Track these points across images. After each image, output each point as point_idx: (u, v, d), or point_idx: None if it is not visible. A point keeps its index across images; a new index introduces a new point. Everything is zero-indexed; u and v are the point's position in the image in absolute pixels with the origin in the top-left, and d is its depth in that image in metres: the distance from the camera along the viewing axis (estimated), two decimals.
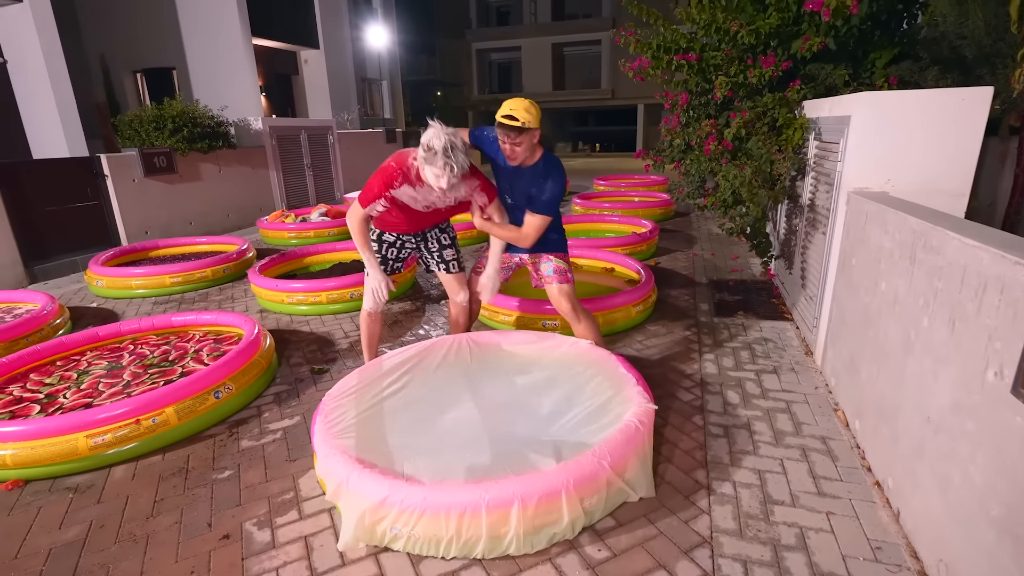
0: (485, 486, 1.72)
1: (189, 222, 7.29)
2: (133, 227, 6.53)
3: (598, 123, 30.28)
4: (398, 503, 1.72)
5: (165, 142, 6.90)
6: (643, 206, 7.47)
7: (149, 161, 6.60)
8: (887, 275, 2.16)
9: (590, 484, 1.82)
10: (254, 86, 10.74)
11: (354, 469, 1.83)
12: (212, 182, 7.68)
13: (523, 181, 2.51)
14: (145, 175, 6.60)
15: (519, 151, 2.37)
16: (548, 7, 26.05)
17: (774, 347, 3.34)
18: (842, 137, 2.85)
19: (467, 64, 27.33)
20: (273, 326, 4.01)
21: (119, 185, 6.37)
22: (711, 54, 4.36)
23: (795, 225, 3.85)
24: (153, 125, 6.84)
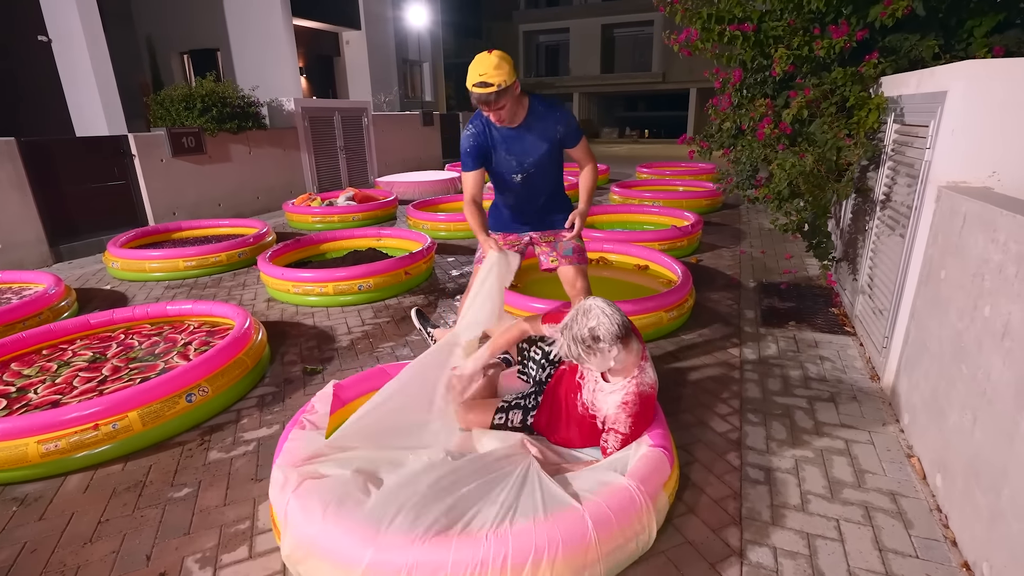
0: (455, 545, 1.37)
1: (218, 204, 7.24)
2: (160, 208, 6.50)
3: (648, 108, 29.44)
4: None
5: (195, 122, 6.82)
6: (687, 196, 6.93)
7: (177, 141, 6.54)
8: (993, 297, 1.66)
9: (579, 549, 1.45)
10: (294, 67, 10.65)
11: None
12: (242, 163, 7.60)
13: (532, 134, 2.27)
14: (173, 155, 6.55)
15: (505, 113, 2.14)
16: None
17: (832, 368, 2.84)
18: (933, 119, 2.31)
19: (514, 47, 26.83)
20: (277, 317, 3.78)
21: (146, 165, 6.33)
22: (771, 24, 3.80)
23: (864, 224, 3.29)
24: (183, 104, 6.76)
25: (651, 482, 1.69)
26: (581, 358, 1.77)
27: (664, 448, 1.82)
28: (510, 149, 2.29)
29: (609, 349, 1.74)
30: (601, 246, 4.49)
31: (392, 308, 3.89)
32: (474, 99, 2.09)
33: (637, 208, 6.17)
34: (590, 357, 1.77)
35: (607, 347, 1.74)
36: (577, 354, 1.77)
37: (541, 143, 2.27)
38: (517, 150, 2.28)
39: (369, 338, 3.38)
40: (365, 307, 3.92)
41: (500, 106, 2.10)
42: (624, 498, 1.60)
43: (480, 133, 2.29)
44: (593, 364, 1.80)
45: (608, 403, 1.88)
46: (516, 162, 2.31)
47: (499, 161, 2.33)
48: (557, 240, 2.50)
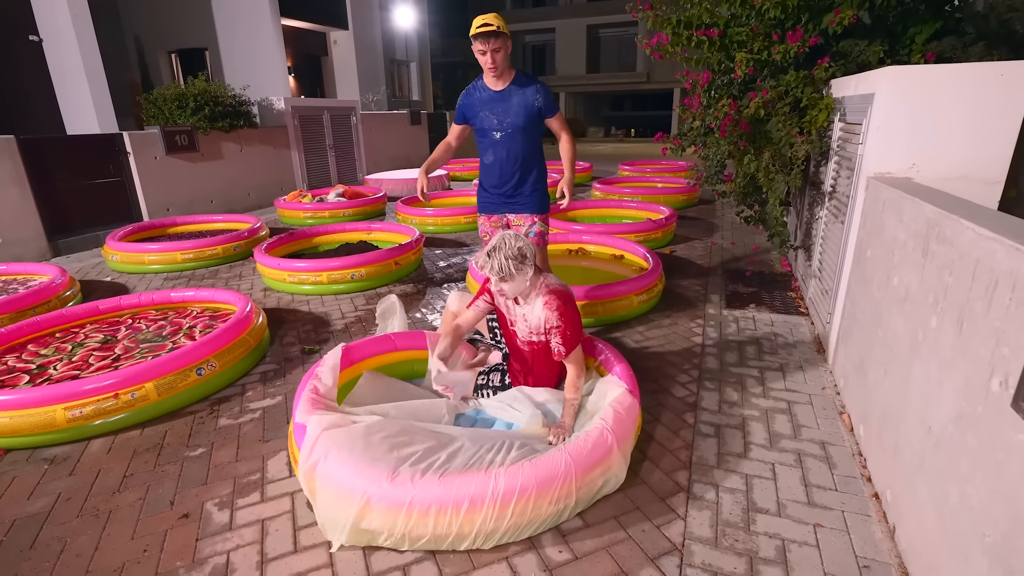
0: (461, 481, 1.64)
1: (210, 200, 7.41)
2: (155, 204, 6.66)
3: (633, 108, 29.75)
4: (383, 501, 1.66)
5: (187, 120, 6.99)
6: (665, 192, 7.23)
7: (171, 139, 6.71)
8: (900, 269, 1.96)
9: (560, 485, 1.72)
10: (282, 67, 10.81)
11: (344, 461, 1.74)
12: (233, 161, 7.77)
13: (512, 99, 2.63)
14: (167, 153, 6.71)
15: (499, 58, 2.51)
16: None
17: (784, 343, 3.14)
18: (865, 117, 2.62)
19: None
20: (274, 305, 4.00)
21: (141, 162, 6.50)
22: (735, 30, 4.09)
23: (816, 214, 3.60)
24: (176, 103, 6.93)
25: (623, 426, 1.94)
26: (511, 274, 2.08)
27: (632, 392, 2.11)
28: (494, 109, 2.66)
29: (529, 266, 2.12)
30: (580, 238, 4.76)
31: (383, 296, 4.12)
32: (476, 40, 2.46)
33: (617, 203, 6.44)
34: (517, 273, 2.09)
35: (528, 266, 2.11)
36: (509, 270, 2.08)
37: (521, 107, 2.63)
38: (500, 110, 2.65)
39: (362, 322, 3.62)
40: (357, 295, 4.15)
41: (496, 47, 2.47)
42: (600, 441, 1.85)
43: (469, 94, 2.72)
44: (516, 283, 2.12)
45: (535, 315, 2.20)
46: (498, 120, 2.66)
47: (484, 119, 2.68)
48: (525, 224, 2.84)
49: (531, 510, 1.64)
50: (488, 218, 2.91)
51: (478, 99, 2.68)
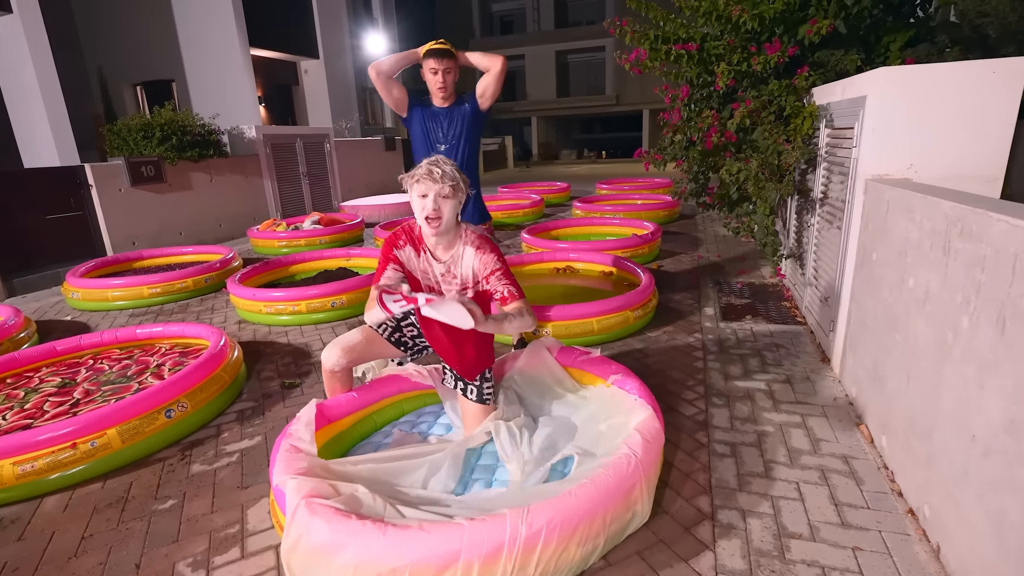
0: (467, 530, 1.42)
1: (179, 232, 7.13)
2: (119, 238, 6.37)
3: (604, 130, 30.25)
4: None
5: (154, 151, 6.75)
6: (646, 208, 7.24)
7: (136, 170, 6.46)
8: (915, 269, 1.88)
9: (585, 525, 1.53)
10: (252, 96, 10.65)
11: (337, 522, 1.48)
12: (203, 191, 7.52)
13: (456, 117, 2.81)
14: (132, 184, 6.45)
15: (450, 79, 2.71)
16: (551, 15, 26.09)
17: (787, 354, 3.05)
18: (857, 121, 2.58)
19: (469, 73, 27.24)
20: (249, 337, 3.78)
21: (104, 195, 6.22)
22: (712, 44, 4.12)
23: (807, 221, 3.57)
24: (141, 134, 6.70)
25: (650, 454, 1.76)
26: (457, 184, 1.88)
27: (656, 412, 1.96)
28: (439, 122, 2.83)
29: (463, 192, 1.92)
30: (567, 255, 4.66)
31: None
32: (431, 59, 2.64)
33: (599, 220, 6.40)
34: (459, 191, 1.89)
35: (463, 190, 1.93)
36: (455, 177, 1.88)
37: (461, 119, 2.84)
38: (445, 124, 2.83)
39: None
40: (339, 323, 3.96)
41: (448, 68, 2.67)
42: (629, 471, 1.67)
43: (421, 100, 2.86)
44: (455, 202, 1.90)
45: (466, 265, 1.99)
46: (443, 133, 2.83)
47: (430, 130, 2.82)
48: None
49: (558, 556, 1.45)
50: None
51: (429, 110, 2.84)
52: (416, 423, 2.40)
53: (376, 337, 2.12)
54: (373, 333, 2.11)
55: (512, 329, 1.91)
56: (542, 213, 8.40)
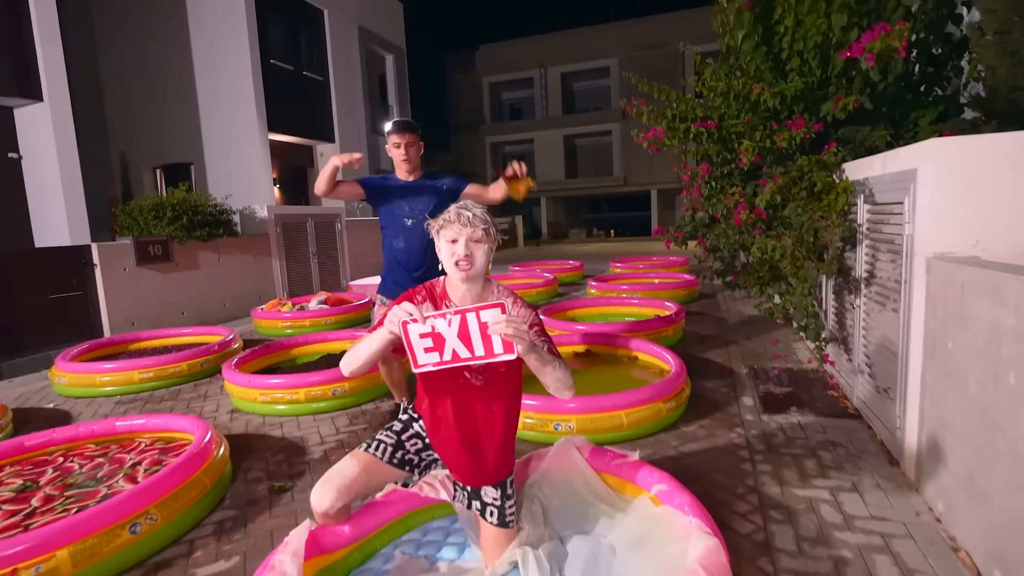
0: None
1: (181, 312, 7.00)
2: (119, 318, 6.23)
3: (612, 209, 31.09)
4: None
5: (164, 230, 6.78)
6: (665, 287, 7.05)
7: (143, 249, 6.44)
8: (1017, 363, 1.60)
9: None
10: (267, 178, 10.96)
11: None
12: (210, 270, 7.48)
13: (424, 191, 2.88)
14: (137, 264, 6.41)
15: (413, 152, 2.82)
16: (559, 102, 27.53)
17: (846, 454, 2.70)
18: (907, 195, 2.41)
19: (481, 156, 28.55)
20: (241, 430, 3.48)
21: (108, 274, 6.16)
22: (731, 122, 4.10)
23: (850, 302, 3.32)
24: (152, 214, 6.75)
25: None
26: (489, 229, 1.73)
27: (720, 541, 1.63)
28: (405, 196, 2.85)
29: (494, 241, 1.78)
30: (586, 338, 4.42)
31: (370, 414, 3.64)
32: (394, 133, 2.79)
33: (617, 300, 6.21)
34: (488, 233, 1.73)
35: (494, 239, 1.77)
36: (485, 221, 1.72)
37: (433, 194, 2.88)
38: (411, 196, 2.87)
39: (345, 448, 3.11)
40: (339, 414, 3.66)
41: (411, 141, 2.78)
42: None
43: (384, 178, 2.91)
44: (486, 250, 1.74)
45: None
46: (409, 207, 2.86)
47: (394, 206, 2.86)
48: None
49: None
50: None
51: (391, 186, 2.90)
52: (422, 542, 2.06)
53: (374, 464, 1.79)
54: (370, 460, 1.79)
55: (554, 377, 1.71)
56: (556, 292, 8.25)
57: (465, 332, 1.53)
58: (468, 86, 28.47)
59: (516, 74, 27.70)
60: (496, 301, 1.63)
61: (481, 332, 1.53)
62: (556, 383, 1.73)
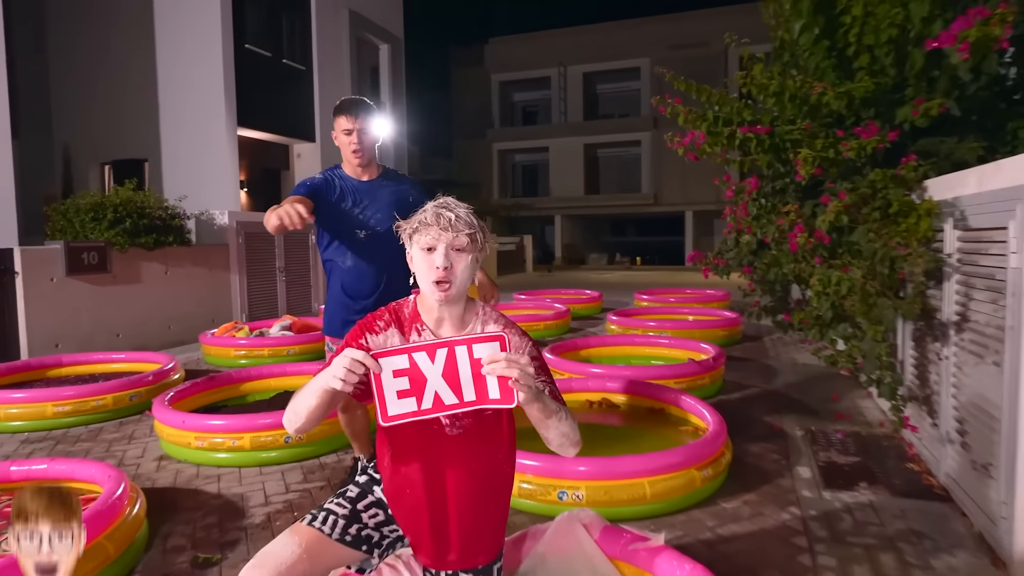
0: None
1: (116, 334, 6.90)
2: (40, 338, 6.12)
3: (639, 232, 31.29)
4: None
5: (102, 235, 6.71)
6: (700, 326, 6.93)
7: (76, 257, 6.36)
8: None
9: None
10: (233, 180, 10.97)
11: None
12: (154, 285, 7.39)
13: (382, 192, 2.66)
14: (68, 273, 6.33)
15: (367, 140, 2.58)
16: (580, 107, 27.83)
17: (934, 548, 2.48)
18: (1012, 219, 2.26)
19: (487, 165, 28.77)
20: (168, 482, 3.31)
21: (31, 285, 6.07)
22: (785, 128, 3.99)
23: (934, 351, 3.14)
24: (91, 215, 6.70)
25: None
26: (476, 235, 1.58)
27: None
28: (358, 200, 2.60)
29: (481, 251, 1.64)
30: (604, 384, 4.27)
31: (330, 468, 3.46)
32: (342, 116, 2.57)
33: (642, 339, 6.11)
34: (475, 240, 1.58)
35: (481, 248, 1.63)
36: (470, 225, 1.57)
37: (392, 203, 2.60)
38: (366, 201, 2.62)
39: (294, 511, 2.93)
40: (292, 467, 3.49)
41: (364, 127, 2.54)
42: None
43: (326, 179, 2.63)
44: (472, 259, 1.59)
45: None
46: (362, 214, 2.61)
47: (345, 213, 2.59)
48: None
49: None
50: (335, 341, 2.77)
51: (337, 187, 2.63)
52: None
53: (320, 542, 1.57)
54: (316, 537, 1.57)
55: (558, 431, 1.55)
56: (568, 327, 8.18)
57: (453, 371, 1.39)
58: (475, 84, 28.93)
59: (531, 72, 28.15)
60: (490, 332, 1.48)
61: (473, 372, 1.39)
62: (560, 438, 1.57)
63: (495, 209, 27.88)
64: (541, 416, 1.51)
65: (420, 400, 1.40)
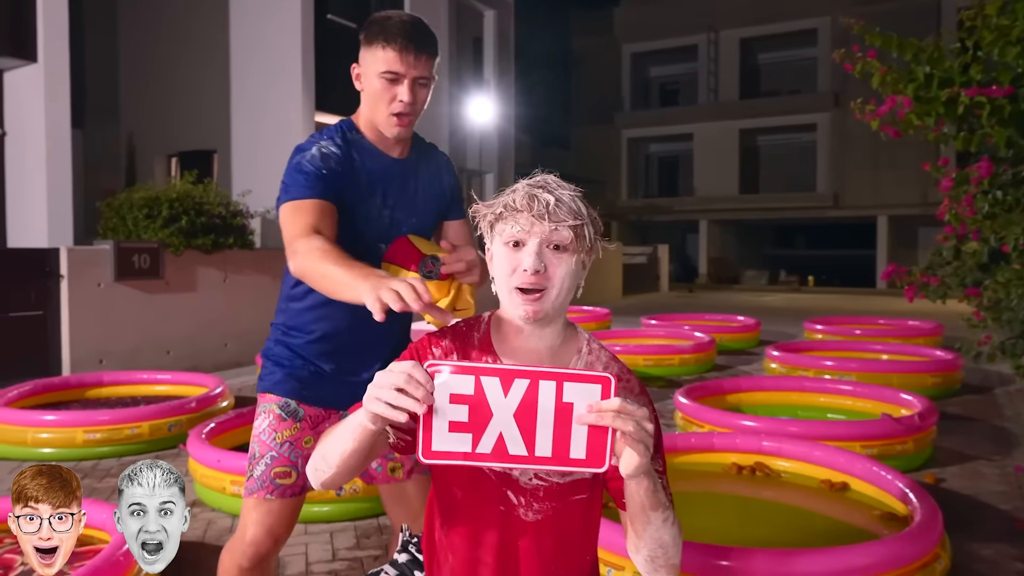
0: None
1: (166, 351, 7.34)
2: (83, 352, 6.62)
3: (812, 243, 30.70)
4: None
5: (156, 234, 7.17)
6: (899, 370, 6.53)
7: (126, 259, 6.85)
8: None
9: None
10: None
11: None
12: (211, 295, 7.83)
13: (418, 179, 2.05)
14: (116, 278, 6.82)
15: (424, 96, 1.92)
16: (735, 82, 27.37)
17: None
18: None
19: (614, 158, 28.74)
20: (197, 534, 3.40)
21: (77, 290, 6.59)
22: None
23: None
24: (144, 211, 7.18)
25: None
26: (583, 227, 1.36)
27: None
28: (388, 190, 1.96)
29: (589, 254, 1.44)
30: (759, 443, 4.03)
31: (389, 532, 3.38)
32: (391, 51, 1.83)
33: (814, 384, 5.82)
34: (580, 236, 1.37)
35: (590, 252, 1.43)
36: (576, 213, 1.36)
37: (431, 192, 2.07)
38: (396, 193, 1.98)
39: None
40: (345, 526, 3.51)
41: (425, 76, 1.88)
42: None
43: (342, 155, 1.89)
44: (572, 260, 1.39)
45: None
46: (391, 217, 1.96)
47: (364, 213, 1.92)
48: None
49: None
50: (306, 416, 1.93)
51: (361, 167, 1.94)
52: None
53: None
54: None
55: (657, 537, 1.35)
56: (712, 363, 7.95)
57: (530, 412, 1.23)
58: (601, 58, 29.14)
59: (672, 40, 27.96)
60: (596, 372, 1.28)
61: (557, 419, 1.22)
62: (654, 549, 1.34)
63: (622, 212, 27.76)
64: (644, 503, 1.27)
65: (477, 440, 1.25)
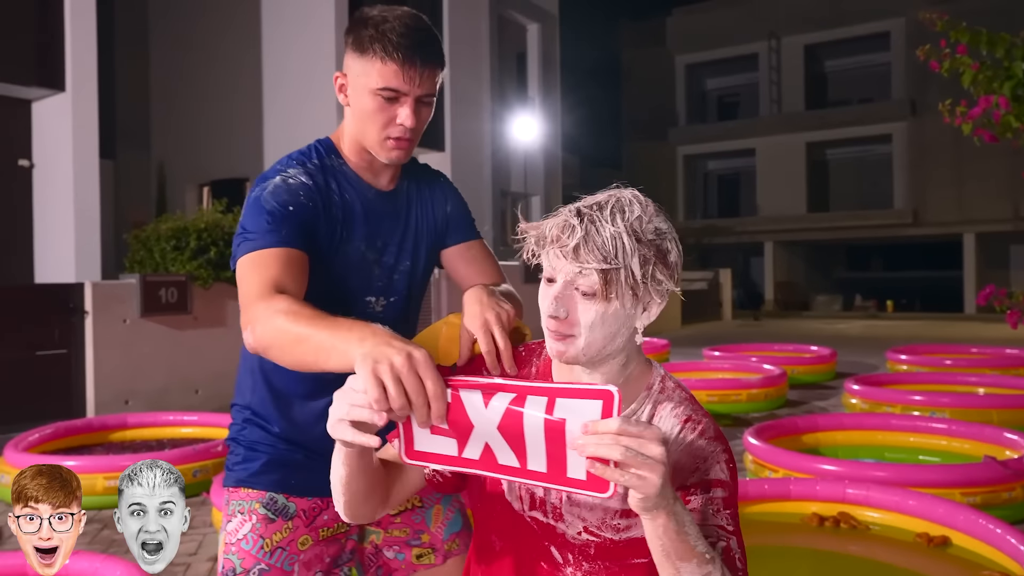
0: None
1: (195, 390, 7.40)
2: (108, 392, 6.71)
3: (890, 265, 30.48)
4: None
5: (184, 267, 7.27)
6: (1000, 404, 6.27)
7: (152, 293, 6.94)
8: None
9: None
10: None
11: None
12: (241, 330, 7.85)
13: (412, 212, 1.82)
14: (142, 314, 6.92)
15: (426, 116, 1.64)
16: (800, 92, 27.21)
17: None
18: None
19: (669, 176, 28.65)
20: None
21: (102, 326, 6.70)
22: None
23: None
24: (172, 243, 7.29)
25: None
26: (620, 272, 1.21)
27: None
28: (374, 231, 1.72)
29: (660, 295, 1.28)
30: (842, 491, 3.84)
31: None
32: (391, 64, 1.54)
33: (902, 422, 5.60)
34: (613, 281, 1.22)
35: (661, 293, 1.28)
36: (617, 249, 1.20)
37: (424, 228, 1.82)
38: (385, 231, 1.75)
39: None
40: None
41: (430, 94, 1.62)
42: None
43: (314, 184, 1.64)
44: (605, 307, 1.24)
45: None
46: (381, 264, 1.74)
47: (343, 259, 1.69)
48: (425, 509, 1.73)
49: None
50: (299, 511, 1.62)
51: (341, 201, 1.71)
52: None
53: None
54: None
55: None
56: (784, 399, 7.82)
57: (515, 428, 1.15)
58: (653, 69, 29.21)
59: (730, 49, 27.95)
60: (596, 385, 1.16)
61: (548, 436, 1.12)
62: None
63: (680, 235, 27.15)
64: (667, 548, 1.11)
65: (462, 447, 1.18)
